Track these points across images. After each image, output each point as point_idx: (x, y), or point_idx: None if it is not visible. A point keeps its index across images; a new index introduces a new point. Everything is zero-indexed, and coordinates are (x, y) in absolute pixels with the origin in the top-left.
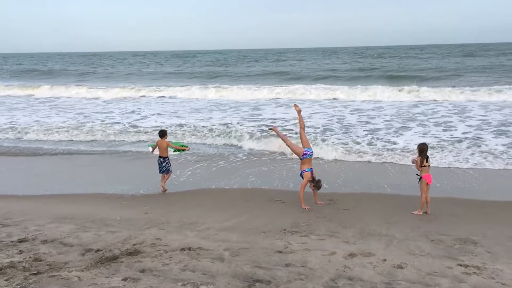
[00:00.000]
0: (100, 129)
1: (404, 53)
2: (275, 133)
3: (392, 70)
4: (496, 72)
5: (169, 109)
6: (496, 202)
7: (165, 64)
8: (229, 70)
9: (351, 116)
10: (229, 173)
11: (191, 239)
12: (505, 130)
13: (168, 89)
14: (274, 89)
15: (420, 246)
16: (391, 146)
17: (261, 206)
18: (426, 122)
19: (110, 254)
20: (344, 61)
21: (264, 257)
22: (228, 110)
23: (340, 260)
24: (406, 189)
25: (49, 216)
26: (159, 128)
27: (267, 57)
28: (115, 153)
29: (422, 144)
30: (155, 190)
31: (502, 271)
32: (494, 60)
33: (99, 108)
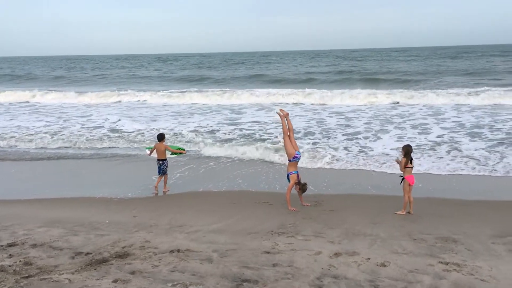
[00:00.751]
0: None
1: (387, 56)
2: (280, 117)
3: (372, 73)
4: (474, 74)
5: (134, 114)
6: (478, 201)
7: (145, 68)
8: (206, 74)
9: (331, 119)
10: (218, 175)
11: (180, 241)
12: (479, 132)
13: (134, 93)
14: (239, 93)
15: (403, 245)
16: (368, 152)
17: (249, 208)
18: (403, 124)
19: (100, 257)
20: (327, 63)
21: (251, 258)
22: (196, 115)
23: (325, 259)
24: (390, 190)
25: (38, 220)
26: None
27: (251, 60)
28: (103, 157)
29: (407, 146)
30: (143, 194)
31: (481, 268)
32: (473, 62)
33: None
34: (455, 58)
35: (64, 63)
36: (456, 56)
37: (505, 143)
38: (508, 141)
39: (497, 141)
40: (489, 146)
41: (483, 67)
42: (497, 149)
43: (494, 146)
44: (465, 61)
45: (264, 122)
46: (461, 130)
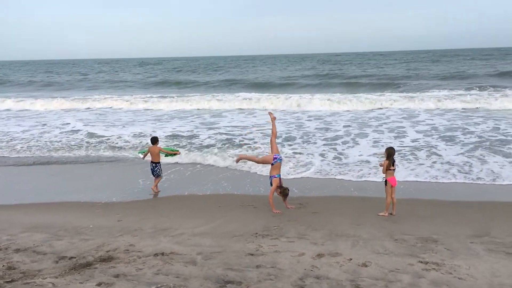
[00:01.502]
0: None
1: (369, 59)
2: (244, 160)
3: (352, 77)
4: (450, 77)
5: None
6: (458, 202)
7: (123, 72)
8: (182, 78)
9: (309, 123)
10: (203, 178)
11: (165, 245)
12: (452, 135)
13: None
14: (199, 100)
15: (384, 246)
16: (343, 159)
17: (234, 211)
18: (380, 128)
19: (84, 261)
20: (310, 66)
21: (235, 260)
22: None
23: (308, 260)
24: (373, 192)
25: (21, 225)
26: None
27: (234, 64)
28: (89, 162)
29: (390, 149)
30: (127, 198)
31: (460, 267)
32: (455, 65)
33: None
34: (436, 61)
35: (46, 68)
36: (438, 60)
37: (480, 147)
38: (484, 145)
39: (473, 144)
40: (466, 151)
41: (462, 70)
42: (474, 153)
43: (472, 151)
44: (447, 64)
45: (241, 127)
46: (435, 133)
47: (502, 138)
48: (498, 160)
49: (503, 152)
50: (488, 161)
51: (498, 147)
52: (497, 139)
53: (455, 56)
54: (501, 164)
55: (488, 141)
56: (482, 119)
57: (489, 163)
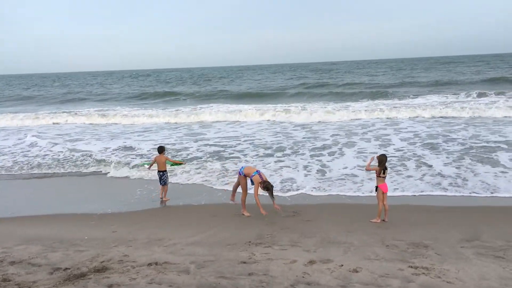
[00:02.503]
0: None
1: (363, 67)
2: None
3: (340, 86)
4: (437, 85)
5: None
6: (449, 208)
7: (109, 84)
8: (161, 90)
9: (296, 132)
10: (195, 189)
11: (158, 255)
12: (435, 143)
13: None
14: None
15: (375, 251)
16: (327, 173)
17: (227, 221)
18: (366, 136)
19: (78, 272)
20: (303, 75)
21: (228, 268)
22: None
23: (300, 267)
24: (366, 199)
25: (16, 238)
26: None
27: (225, 74)
28: (81, 175)
29: (382, 156)
30: (122, 209)
31: (449, 271)
32: (443, 73)
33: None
34: (428, 69)
35: (35, 81)
36: (430, 67)
37: (466, 155)
38: (471, 153)
39: (458, 153)
40: (454, 160)
41: (450, 77)
42: (463, 163)
43: (459, 160)
44: (436, 72)
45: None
46: (418, 141)
47: (485, 145)
48: (489, 170)
49: (490, 161)
50: (478, 171)
51: (483, 154)
52: (480, 146)
53: (448, 63)
54: (493, 175)
55: (473, 148)
56: (463, 126)
57: (481, 174)
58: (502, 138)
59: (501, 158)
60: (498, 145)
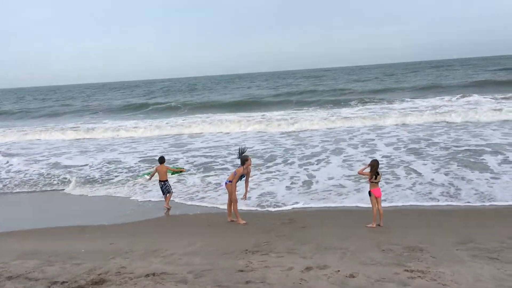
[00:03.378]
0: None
1: (353, 73)
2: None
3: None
4: (421, 89)
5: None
6: (444, 211)
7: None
8: (143, 101)
9: (283, 140)
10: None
11: (156, 265)
12: (417, 148)
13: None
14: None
15: (371, 256)
16: (314, 186)
17: (223, 230)
18: (352, 142)
19: (76, 285)
20: (289, 83)
21: (225, 277)
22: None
23: (297, 274)
24: (362, 204)
25: (13, 253)
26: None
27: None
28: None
29: (373, 161)
30: (118, 221)
31: (444, 273)
32: (427, 77)
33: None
34: (415, 71)
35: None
36: (416, 71)
37: (453, 160)
38: (458, 158)
39: (444, 157)
40: (442, 166)
41: (434, 82)
42: (451, 168)
43: (446, 165)
44: (421, 76)
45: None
46: (402, 146)
47: (468, 149)
48: (480, 177)
49: (479, 166)
50: (470, 178)
51: (470, 158)
52: (464, 150)
53: (434, 67)
54: (485, 182)
55: (459, 153)
56: (445, 130)
57: (473, 181)
58: (483, 141)
59: (490, 163)
60: (482, 148)
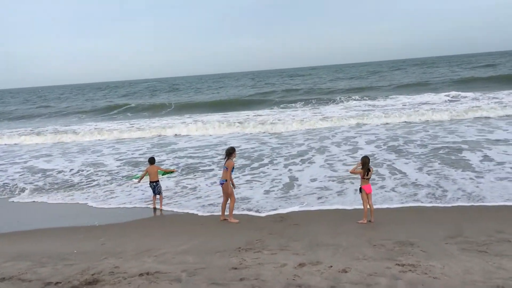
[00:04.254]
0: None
1: (342, 70)
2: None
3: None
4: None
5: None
6: (434, 207)
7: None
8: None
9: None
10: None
11: (149, 265)
12: (397, 145)
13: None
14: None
15: (363, 252)
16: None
17: (215, 228)
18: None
19: (70, 286)
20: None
21: (220, 275)
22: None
23: (290, 270)
24: (351, 202)
25: (4, 255)
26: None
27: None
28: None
29: (365, 158)
30: (109, 221)
31: (434, 267)
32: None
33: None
34: (401, 69)
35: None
36: (403, 68)
37: (434, 157)
38: (439, 154)
39: (425, 156)
40: (424, 164)
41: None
42: (433, 166)
43: (428, 163)
44: (407, 73)
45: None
46: (382, 144)
47: (445, 146)
48: (464, 176)
49: (460, 164)
50: (454, 177)
51: (450, 156)
52: (443, 147)
53: (422, 64)
54: (470, 181)
55: (438, 149)
56: (422, 127)
57: (457, 180)
58: (459, 138)
59: (472, 160)
60: (459, 145)
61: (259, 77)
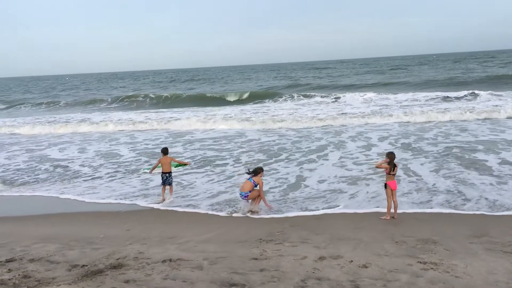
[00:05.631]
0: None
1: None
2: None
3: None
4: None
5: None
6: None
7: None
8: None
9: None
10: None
11: (172, 252)
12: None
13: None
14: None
15: (385, 248)
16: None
17: (237, 219)
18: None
19: (95, 269)
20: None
21: (240, 264)
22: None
23: (310, 263)
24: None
25: (34, 237)
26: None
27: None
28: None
29: (391, 153)
30: (134, 208)
31: (457, 266)
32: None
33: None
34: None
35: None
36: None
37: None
38: (452, 153)
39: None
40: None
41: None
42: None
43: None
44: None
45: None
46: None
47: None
48: (483, 180)
49: (473, 166)
50: (473, 182)
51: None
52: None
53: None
54: (490, 187)
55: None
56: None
57: (477, 186)
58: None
59: (490, 162)
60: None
61: (284, 69)
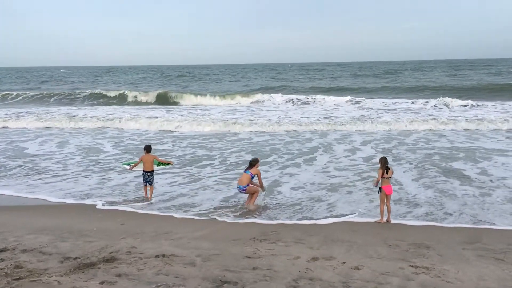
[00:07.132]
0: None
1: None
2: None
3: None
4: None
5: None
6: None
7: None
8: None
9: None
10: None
11: (165, 247)
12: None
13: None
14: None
15: (377, 250)
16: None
17: (232, 218)
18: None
19: (88, 261)
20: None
21: (233, 262)
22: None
23: (303, 263)
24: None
25: (27, 228)
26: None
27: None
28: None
29: (382, 158)
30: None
31: (448, 271)
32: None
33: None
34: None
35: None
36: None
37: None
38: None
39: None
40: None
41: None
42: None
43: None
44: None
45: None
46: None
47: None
48: (465, 190)
49: (452, 173)
50: (453, 192)
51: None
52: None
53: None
54: (473, 199)
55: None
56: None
57: (458, 197)
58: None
59: (468, 171)
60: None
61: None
